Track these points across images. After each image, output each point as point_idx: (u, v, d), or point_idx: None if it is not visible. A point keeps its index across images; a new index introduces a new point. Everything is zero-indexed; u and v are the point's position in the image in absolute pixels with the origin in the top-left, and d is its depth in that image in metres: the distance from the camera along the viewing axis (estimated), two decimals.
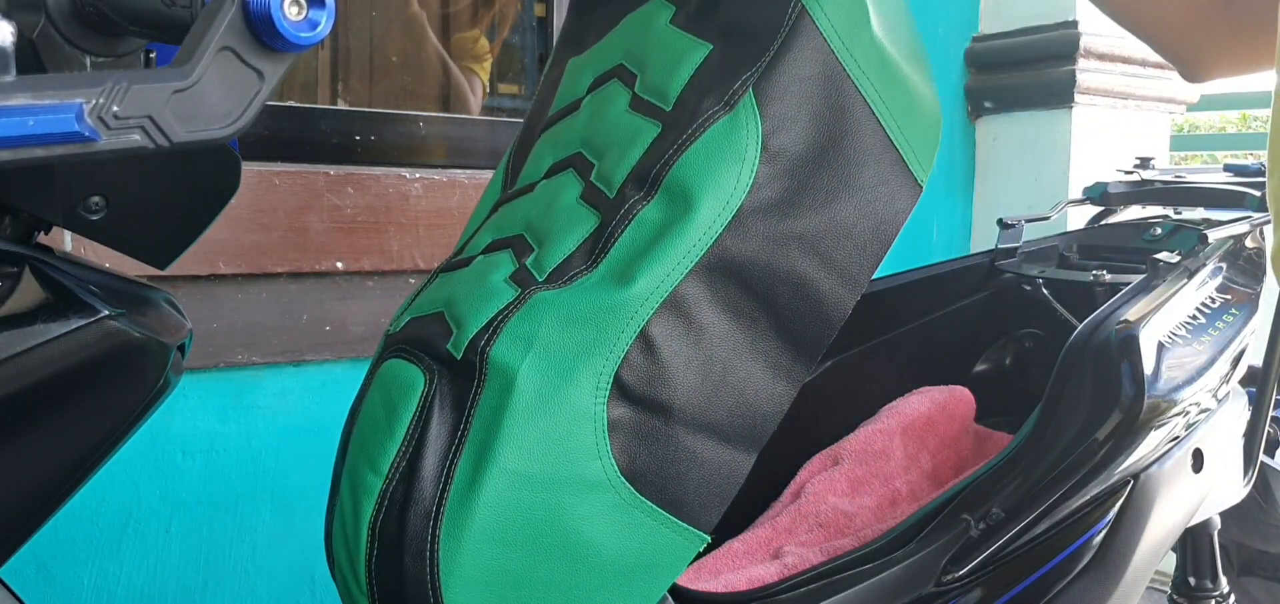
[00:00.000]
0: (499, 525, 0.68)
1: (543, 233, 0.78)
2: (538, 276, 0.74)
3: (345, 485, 0.74)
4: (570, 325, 0.71)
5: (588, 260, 0.74)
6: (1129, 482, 0.91)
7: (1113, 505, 0.90)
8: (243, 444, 1.34)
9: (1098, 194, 1.38)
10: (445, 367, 0.72)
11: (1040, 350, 1.26)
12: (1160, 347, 0.94)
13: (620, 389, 0.70)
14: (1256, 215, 1.21)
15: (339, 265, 1.35)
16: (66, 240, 0.76)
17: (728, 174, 0.73)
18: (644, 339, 0.71)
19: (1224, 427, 1.03)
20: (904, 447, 1.11)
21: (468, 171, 1.47)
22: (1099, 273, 1.19)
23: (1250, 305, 1.09)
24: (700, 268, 0.72)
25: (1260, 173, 1.32)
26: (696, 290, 0.72)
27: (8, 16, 0.49)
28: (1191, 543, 1.18)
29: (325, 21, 0.51)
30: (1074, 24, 1.97)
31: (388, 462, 0.71)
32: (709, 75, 0.77)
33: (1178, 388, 0.93)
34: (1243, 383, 1.09)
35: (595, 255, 0.74)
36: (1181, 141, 3.14)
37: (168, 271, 0.73)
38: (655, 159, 0.75)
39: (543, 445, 0.69)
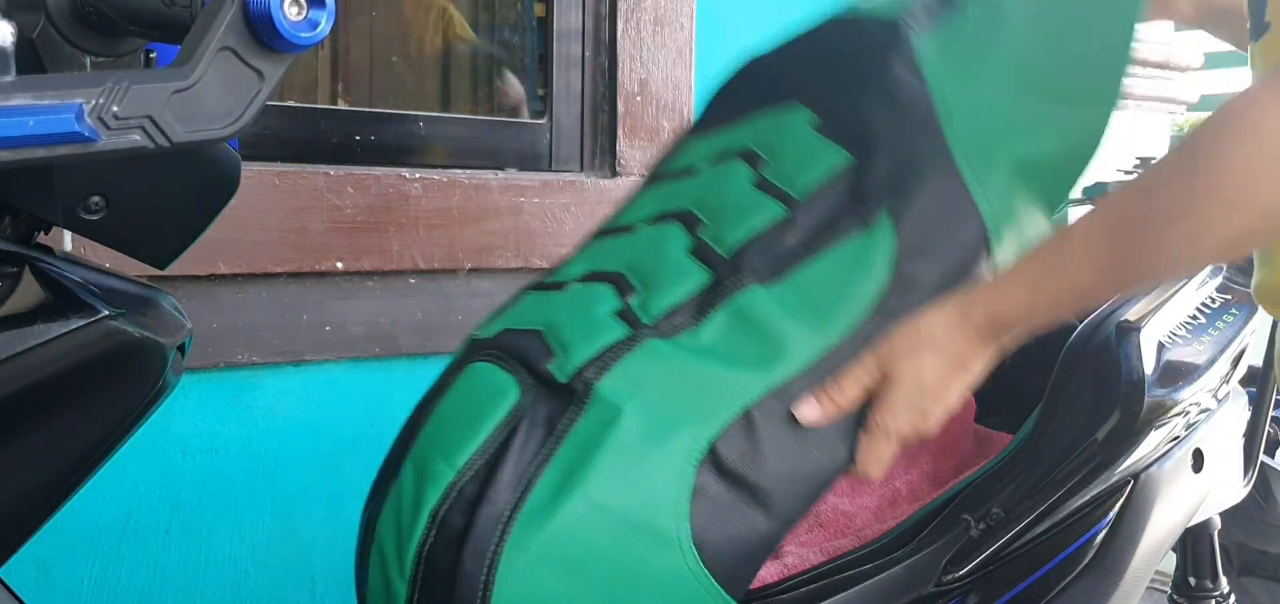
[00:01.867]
0: (565, 548, 0.69)
1: (648, 276, 0.80)
2: (644, 319, 0.76)
3: (409, 469, 0.75)
4: (682, 383, 0.73)
5: (696, 315, 0.76)
6: (1129, 482, 0.91)
7: (1113, 505, 0.90)
8: (243, 444, 1.34)
9: (1098, 194, 1.38)
10: (543, 385, 0.74)
11: (1040, 350, 1.26)
12: (1160, 346, 0.94)
13: (713, 458, 0.72)
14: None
15: (339, 265, 1.35)
16: (66, 240, 0.76)
17: (857, 292, 0.76)
18: (747, 418, 0.73)
19: (1224, 427, 1.03)
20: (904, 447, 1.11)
21: (468, 171, 1.47)
22: None
23: (1250, 305, 1.08)
24: (816, 366, 0.74)
25: None
26: (805, 385, 0.74)
27: (8, 17, 0.49)
28: (1191, 543, 1.18)
29: (325, 22, 0.51)
30: None
31: (464, 457, 0.72)
32: (845, 185, 0.80)
33: (1178, 388, 0.93)
34: (1243, 383, 1.09)
35: (703, 310, 0.76)
36: None
37: (168, 271, 0.73)
38: (782, 248, 0.78)
39: (630, 486, 0.70)
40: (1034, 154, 0.80)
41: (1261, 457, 1.12)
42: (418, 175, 1.40)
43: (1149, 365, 0.91)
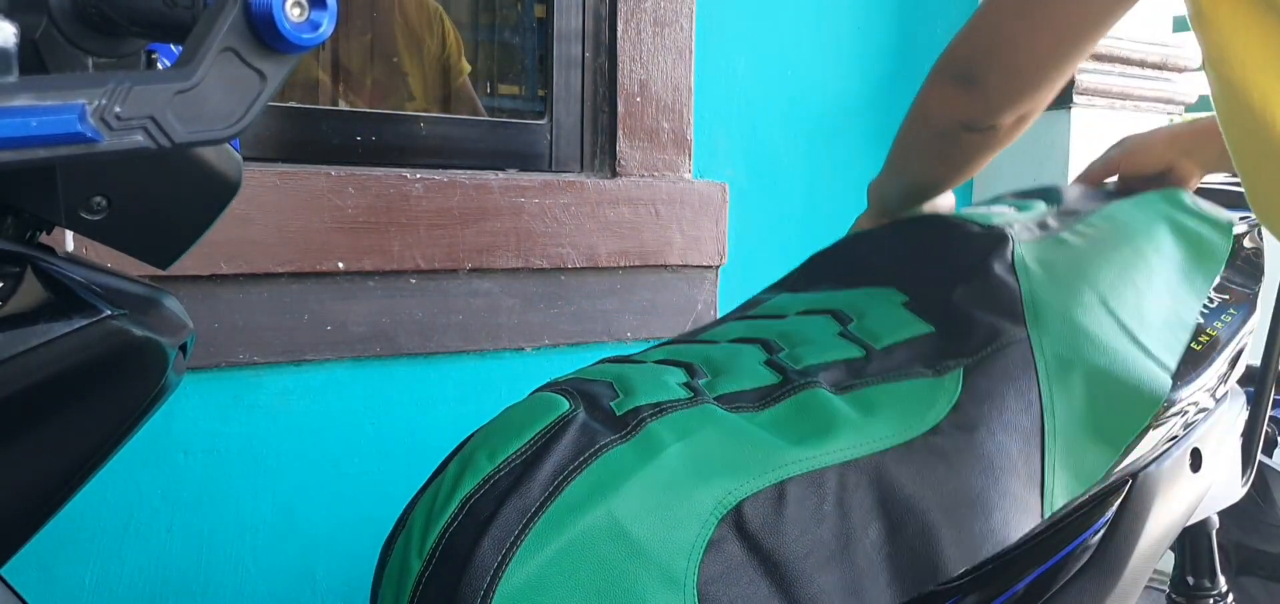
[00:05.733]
0: (577, 558, 0.70)
1: (719, 368, 0.86)
2: (709, 394, 0.82)
3: (455, 463, 0.78)
4: (729, 441, 0.77)
5: (758, 403, 0.81)
6: (1127, 481, 0.91)
7: (1111, 505, 0.90)
8: (244, 444, 1.35)
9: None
10: (596, 410, 0.79)
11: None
12: None
13: (738, 516, 0.74)
14: (1254, 215, 1.20)
15: (340, 265, 1.35)
16: (68, 240, 0.76)
17: (915, 411, 0.81)
18: (780, 488, 0.75)
19: (1222, 426, 1.03)
20: None
21: (468, 172, 1.47)
22: None
23: (1248, 305, 1.09)
24: (858, 464, 0.77)
25: None
26: (842, 479, 0.77)
27: (10, 17, 0.49)
28: (1190, 542, 1.18)
29: (327, 23, 0.51)
30: None
31: (505, 455, 0.75)
32: (924, 346, 0.88)
33: (1176, 388, 0.93)
34: (1241, 383, 1.09)
35: (766, 403, 0.81)
36: None
37: (169, 272, 0.73)
38: (854, 375, 0.85)
39: (653, 515, 0.72)
40: (1105, 365, 0.88)
41: (1260, 456, 1.12)
42: (419, 175, 1.41)
43: None
